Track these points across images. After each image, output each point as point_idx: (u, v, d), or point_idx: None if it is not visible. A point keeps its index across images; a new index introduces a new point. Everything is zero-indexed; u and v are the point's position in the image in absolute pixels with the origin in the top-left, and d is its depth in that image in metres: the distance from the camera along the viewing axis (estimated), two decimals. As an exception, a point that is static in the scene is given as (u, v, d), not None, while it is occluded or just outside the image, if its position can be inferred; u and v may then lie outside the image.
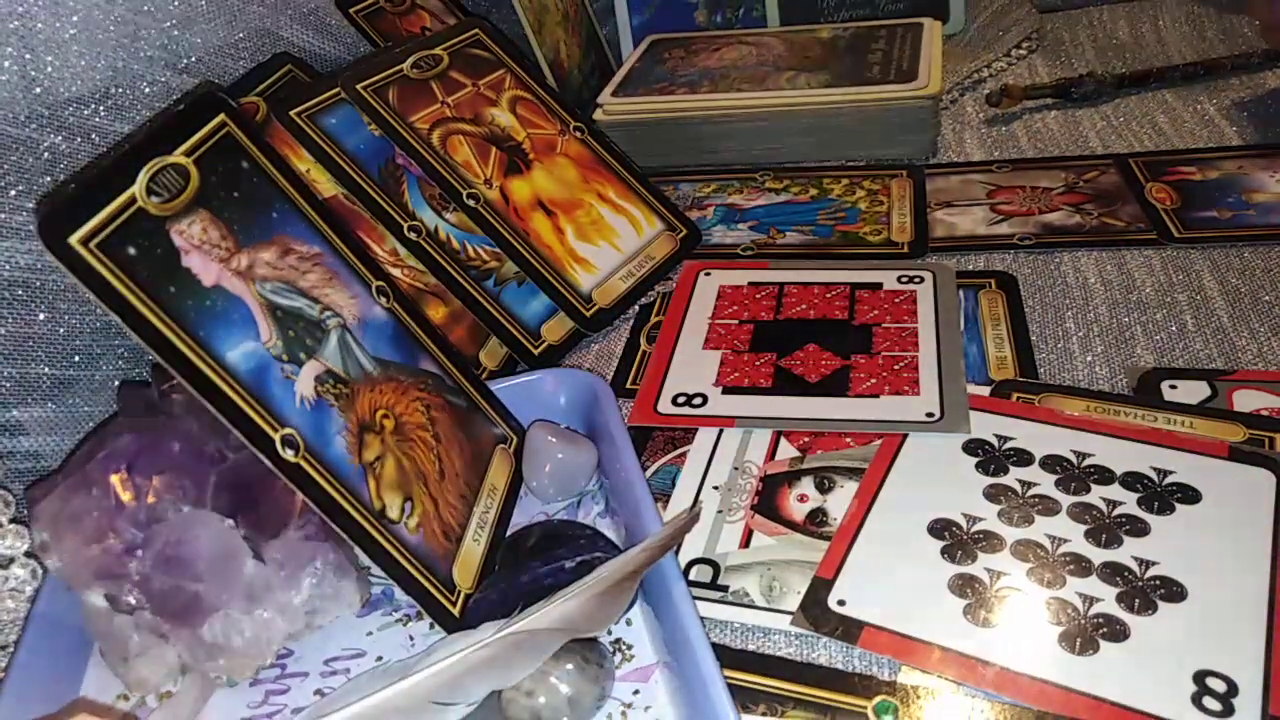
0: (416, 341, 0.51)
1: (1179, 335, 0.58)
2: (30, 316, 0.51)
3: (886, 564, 0.45)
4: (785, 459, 0.52)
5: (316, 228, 0.48)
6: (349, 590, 0.46)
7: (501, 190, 0.65)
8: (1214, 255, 0.64)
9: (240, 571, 0.43)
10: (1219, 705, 0.38)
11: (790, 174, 0.80)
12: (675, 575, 0.43)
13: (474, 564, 0.47)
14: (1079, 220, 0.69)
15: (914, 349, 0.58)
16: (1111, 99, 0.85)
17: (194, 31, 0.61)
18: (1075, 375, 0.56)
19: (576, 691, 0.40)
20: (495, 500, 0.50)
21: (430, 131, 0.64)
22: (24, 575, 0.47)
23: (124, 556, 0.42)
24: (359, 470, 0.44)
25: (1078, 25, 1.00)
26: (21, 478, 0.51)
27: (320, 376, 0.44)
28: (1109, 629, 0.41)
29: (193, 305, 0.40)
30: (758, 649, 0.44)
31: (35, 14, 0.51)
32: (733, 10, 1.00)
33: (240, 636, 0.43)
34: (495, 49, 0.70)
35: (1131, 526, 0.46)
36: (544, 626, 0.39)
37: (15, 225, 0.50)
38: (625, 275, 0.67)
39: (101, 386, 0.54)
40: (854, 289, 0.64)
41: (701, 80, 0.84)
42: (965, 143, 0.83)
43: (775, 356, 0.59)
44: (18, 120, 0.50)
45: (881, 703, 0.40)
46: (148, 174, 0.40)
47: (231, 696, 0.44)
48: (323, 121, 0.61)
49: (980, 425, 0.52)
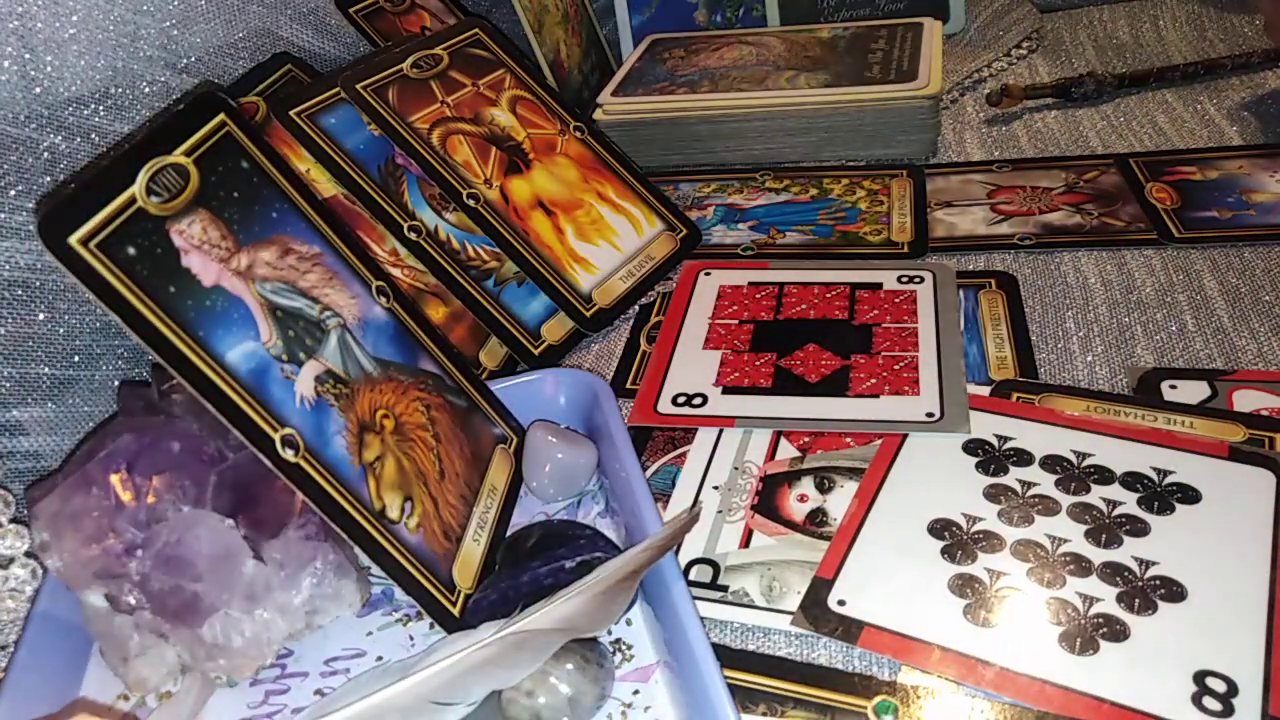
0: (416, 341, 0.51)
1: (1179, 335, 0.58)
2: (30, 316, 0.51)
3: (886, 564, 0.45)
4: (785, 459, 0.52)
5: (316, 228, 0.48)
6: (349, 590, 0.46)
7: (501, 190, 0.65)
8: (1214, 255, 0.64)
9: (240, 571, 0.43)
10: (1219, 705, 0.38)
11: (790, 174, 0.80)
12: (675, 575, 0.43)
13: (474, 564, 0.47)
14: (1079, 220, 0.69)
15: (914, 349, 0.58)
16: (1112, 99, 0.85)
17: (193, 31, 0.61)
18: (1075, 375, 0.56)
19: (576, 691, 0.40)
20: (495, 500, 0.50)
21: (430, 131, 0.64)
22: (24, 575, 0.47)
23: (124, 556, 0.42)
24: (359, 470, 0.44)
25: (1078, 25, 1.00)
26: (21, 478, 0.51)
27: (320, 376, 0.44)
28: (1109, 629, 0.41)
29: (192, 305, 0.40)
30: (758, 649, 0.44)
31: (35, 14, 0.51)
32: (733, 10, 1.00)
33: (240, 636, 0.43)
34: (495, 49, 0.70)
35: (1131, 526, 0.46)
36: (544, 626, 0.39)
37: (15, 225, 0.50)
38: (625, 275, 0.67)
39: (101, 386, 0.54)
40: (854, 289, 0.64)
41: (701, 80, 0.84)
42: (965, 142, 0.83)
43: (775, 356, 0.59)
44: (17, 120, 0.50)
45: (881, 703, 0.40)
46: (148, 174, 0.40)
47: (231, 696, 0.44)
48: (322, 121, 0.61)
49: (980, 425, 0.52)
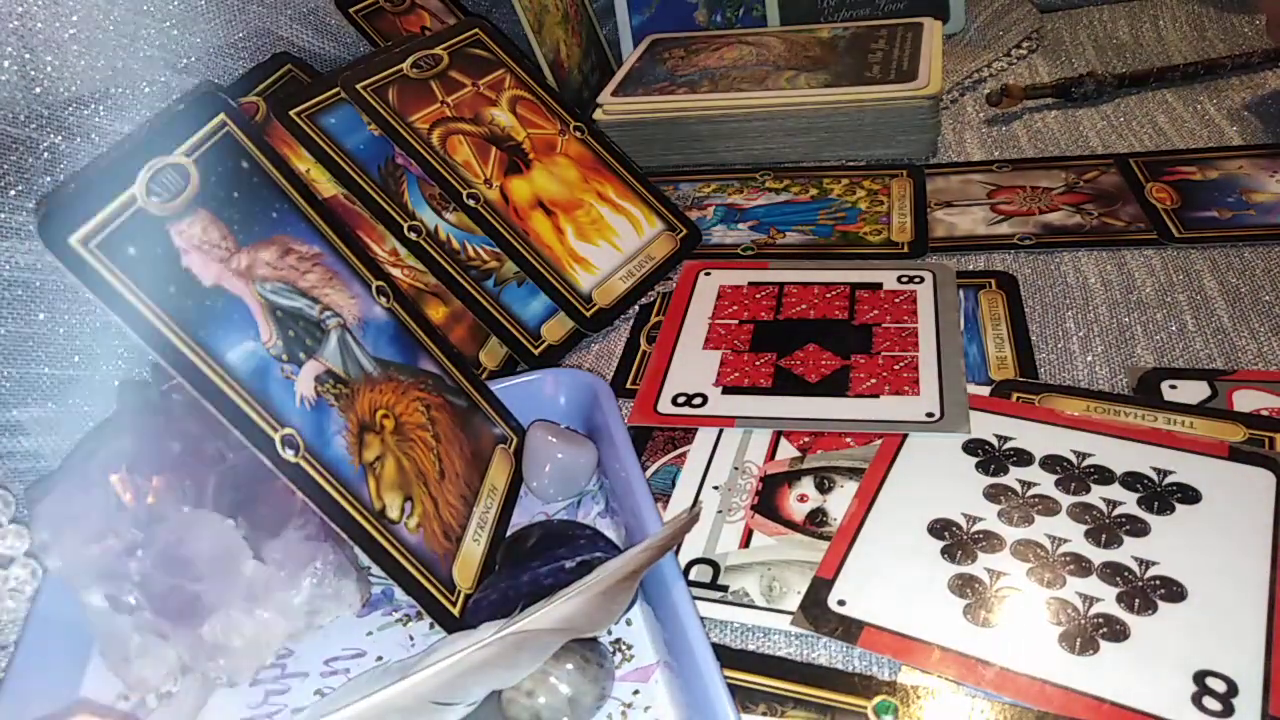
0: (416, 341, 0.51)
1: (1179, 335, 0.58)
2: (30, 316, 0.51)
3: (886, 564, 0.45)
4: (785, 459, 0.52)
5: (316, 228, 0.48)
6: (349, 590, 0.46)
7: (501, 190, 0.65)
8: (1214, 255, 0.64)
9: (240, 571, 0.43)
10: (1219, 705, 0.38)
11: (790, 174, 0.80)
12: (675, 575, 0.43)
13: (474, 564, 0.47)
14: (1079, 220, 0.69)
15: (914, 349, 0.58)
16: (1112, 99, 0.85)
17: (193, 31, 0.61)
18: (1075, 375, 0.56)
19: (576, 691, 0.40)
20: (495, 500, 0.50)
21: (430, 131, 0.64)
22: (24, 575, 0.47)
23: (124, 557, 0.42)
24: (359, 470, 0.44)
25: (1078, 25, 1.00)
26: (21, 478, 0.51)
27: (320, 376, 0.44)
28: (1109, 629, 0.41)
29: (193, 305, 0.40)
30: (758, 649, 0.44)
31: (35, 14, 0.51)
32: (733, 10, 1.00)
33: (240, 637, 0.43)
34: (495, 49, 0.70)
35: (1131, 526, 0.46)
36: (544, 627, 0.39)
37: (15, 225, 0.50)
38: (625, 275, 0.67)
39: (101, 386, 0.54)
40: (854, 289, 0.64)
41: (701, 80, 0.84)
42: (965, 142, 0.83)
43: (775, 356, 0.59)
44: (17, 120, 0.50)
45: (881, 703, 0.40)
46: (148, 174, 0.40)
47: (231, 696, 0.44)
48: (322, 121, 0.61)
49: (980, 425, 0.52)
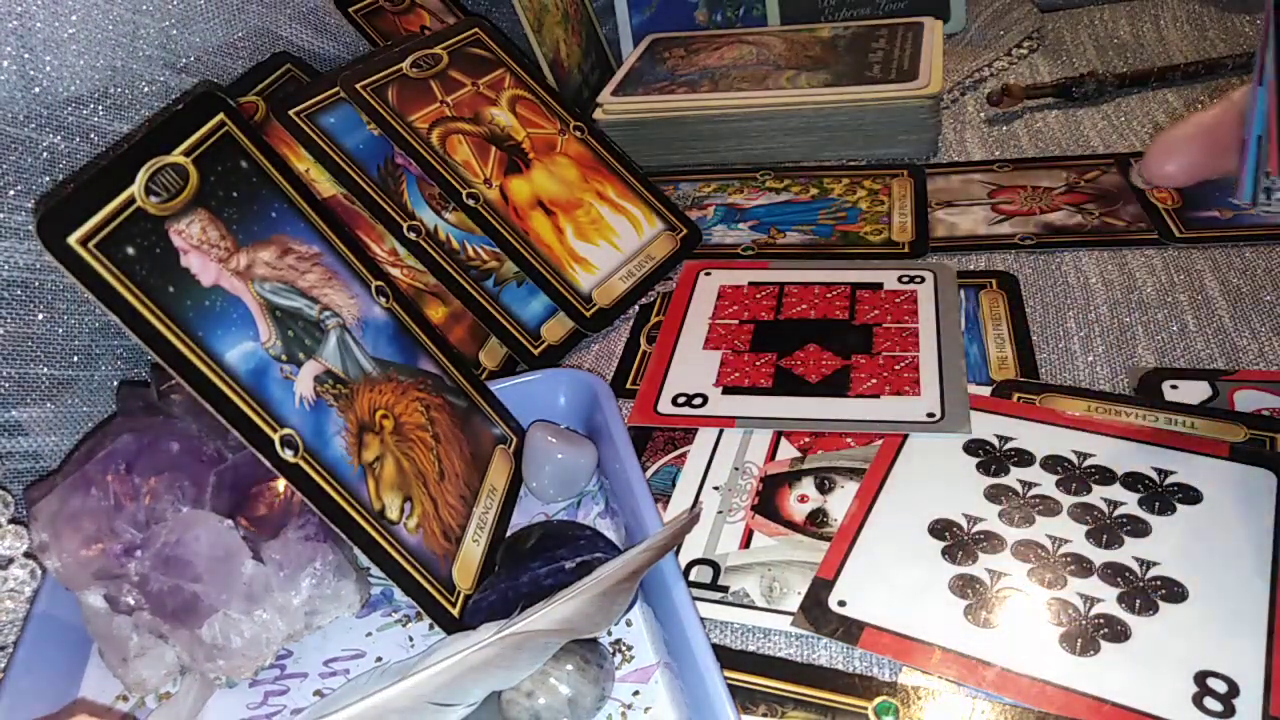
0: (416, 341, 0.51)
1: (1180, 335, 0.58)
2: (29, 316, 0.51)
3: (887, 564, 0.45)
4: (786, 459, 0.52)
5: (316, 227, 0.48)
6: (349, 591, 0.46)
7: (501, 190, 0.65)
8: (1215, 255, 0.64)
9: (239, 572, 0.43)
10: (1220, 706, 0.38)
11: (790, 173, 0.80)
12: (675, 576, 0.43)
13: (474, 564, 0.47)
14: (1080, 220, 0.69)
15: (914, 349, 0.58)
16: (1113, 98, 0.85)
17: (193, 31, 0.61)
18: (1076, 375, 0.56)
19: (576, 692, 0.40)
20: (495, 500, 0.50)
21: (430, 131, 0.63)
22: (24, 575, 0.47)
23: (123, 557, 0.42)
24: (358, 470, 0.44)
25: (1079, 24, 1.00)
26: (21, 478, 0.51)
27: (319, 377, 0.44)
28: (1110, 629, 0.41)
29: (192, 305, 0.40)
30: (758, 649, 0.43)
31: (34, 14, 0.51)
32: (733, 9, 0.99)
33: (239, 637, 0.43)
34: (495, 48, 0.70)
35: (1132, 527, 0.46)
36: (544, 627, 0.39)
37: (14, 225, 0.50)
38: (625, 275, 0.67)
39: (101, 386, 0.54)
40: (854, 289, 0.64)
41: (701, 80, 0.84)
42: (966, 142, 0.82)
43: (775, 356, 0.59)
44: (17, 120, 0.50)
45: (882, 703, 0.40)
46: (147, 174, 0.40)
47: (231, 697, 0.44)
48: (322, 121, 0.61)
49: (981, 425, 0.52)
